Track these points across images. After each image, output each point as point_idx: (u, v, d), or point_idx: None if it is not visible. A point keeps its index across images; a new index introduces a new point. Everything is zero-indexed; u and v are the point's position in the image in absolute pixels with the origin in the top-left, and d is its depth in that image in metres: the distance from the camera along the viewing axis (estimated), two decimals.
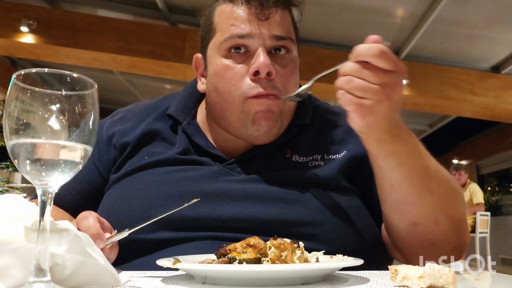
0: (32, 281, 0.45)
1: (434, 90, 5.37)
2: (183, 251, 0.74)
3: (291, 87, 0.83)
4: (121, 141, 0.90)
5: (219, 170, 0.84)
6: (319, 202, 0.80)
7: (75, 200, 0.91)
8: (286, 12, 0.87)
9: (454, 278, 0.51)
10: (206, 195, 0.77)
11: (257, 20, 0.80)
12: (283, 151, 0.88)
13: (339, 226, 0.79)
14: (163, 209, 0.73)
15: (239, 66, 0.82)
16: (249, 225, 0.76)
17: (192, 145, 0.89)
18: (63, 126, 0.47)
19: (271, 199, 0.78)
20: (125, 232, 0.67)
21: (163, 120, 0.93)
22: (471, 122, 6.88)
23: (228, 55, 0.83)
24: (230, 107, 0.83)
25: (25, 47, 4.95)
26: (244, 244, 0.60)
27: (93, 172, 0.91)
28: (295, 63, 0.87)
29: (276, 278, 0.56)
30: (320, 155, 0.87)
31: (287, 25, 0.85)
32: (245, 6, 0.82)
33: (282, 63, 0.84)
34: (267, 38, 0.81)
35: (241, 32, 0.80)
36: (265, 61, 0.78)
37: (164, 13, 4.93)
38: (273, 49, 0.83)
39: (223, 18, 0.84)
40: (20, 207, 0.53)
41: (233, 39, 0.81)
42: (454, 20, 4.47)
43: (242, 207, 0.77)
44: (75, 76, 0.49)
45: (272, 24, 0.81)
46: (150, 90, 7.23)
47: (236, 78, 0.81)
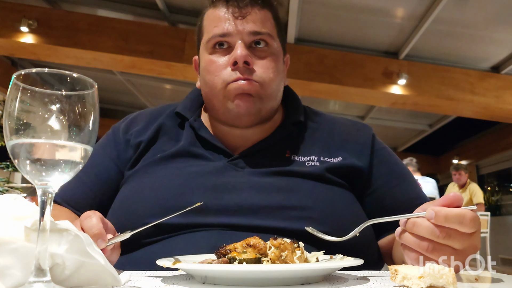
0: (32, 281, 0.45)
1: (434, 90, 5.37)
2: (192, 239, 0.79)
3: (270, 75, 0.93)
4: (136, 141, 0.98)
5: (225, 165, 0.91)
6: (317, 191, 0.86)
7: (96, 196, 0.96)
8: (266, 11, 0.96)
9: (454, 278, 0.51)
10: (214, 186, 0.85)
11: (236, 19, 0.92)
12: (283, 151, 0.95)
13: (336, 209, 0.85)
14: (175, 198, 0.82)
15: (221, 59, 0.93)
16: (253, 211, 0.81)
17: (198, 139, 0.97)
18: (63, 126, 0.47)
19: (272, 188, 0.85)
20: (127, 233, 0.67)
21: (172, 119, 1.02)
22: (471, 122, 6.88)
23: (213, 51, 0.94)
24: (215, 95, 0.93)
25: (25, 47, 4.95)
26: (244, 244, 0.60)
27: (113, 170, 0.98)
28: (276, 55, 0.96)
29: (276, 278, 0.56)
30: (317, 157, 0.93)
31: (266, 22, 0.95)
32: (225, 8, 0.93)
33: (261, 55, 0.93)
34: (244, 34, 0.91)
35: (222, 31, 0.92)
36: (242, 52, 0.89)
37: (164, 13, 4.93)
38: (253, 43, 0.93)
39: (209, 21, 0.96)
40: (20, 207, 0.53)
41: (215, 38, 0.93)
42: (454, 20, 4.47)
43: (247, 195, 0.84)
44: (75, 76, 0.49)
45: (249, 22, 0.92)
46: (150, 90, 7.23)
47: (219, 69, 0.92)
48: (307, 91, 5.50)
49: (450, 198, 0.61)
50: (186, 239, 0.80)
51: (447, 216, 0.58)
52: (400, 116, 7.70)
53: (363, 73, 5.25)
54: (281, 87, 1.00)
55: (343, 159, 0.92)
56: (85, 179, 0.95)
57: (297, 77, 5.15)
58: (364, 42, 5.13)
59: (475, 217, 0.60)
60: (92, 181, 0.95)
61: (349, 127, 1.03)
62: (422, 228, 0.60)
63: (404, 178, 0.97)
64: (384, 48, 5.29)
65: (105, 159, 0.98)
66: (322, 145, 0.96)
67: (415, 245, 0.61)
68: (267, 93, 0.93)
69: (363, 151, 0.95)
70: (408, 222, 0.62)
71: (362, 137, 0.99)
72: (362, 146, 0.96)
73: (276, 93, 0.97)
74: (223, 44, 0.93)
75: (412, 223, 0.61)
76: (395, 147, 10.08)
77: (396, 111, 7.03)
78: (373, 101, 5.91)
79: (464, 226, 0.59)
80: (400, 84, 5.31)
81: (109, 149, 1.00)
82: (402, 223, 0.63)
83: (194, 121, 0.99)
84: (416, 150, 9.71)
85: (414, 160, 5.85)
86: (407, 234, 0.62)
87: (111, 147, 1.00)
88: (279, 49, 0.98)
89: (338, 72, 5.20)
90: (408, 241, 0.62)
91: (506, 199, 8.03)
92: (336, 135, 0.99)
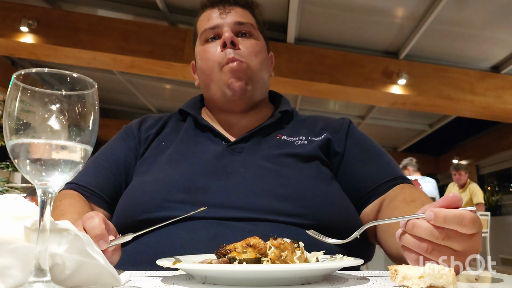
0: (32, 281, 0.45)
1: (434, 90, 5.37)
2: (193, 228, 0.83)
3: (254, 54, 1.07)
4: (146, 135, 1.11)
5: (223, 150, 1.01)
6: (304, 171, 0.95)
7: (117, 181, 1.04)
8: (247, 11, 1.14)
9: (454, 278, 0.51)
10: (214, 169, 0.94)
11: (221, 15, 1.09)
12: (275, 135, 1.07)
13: (322, 185, 0.93)
14: (180, 180, 0.91)
15: (213, 46, 1.08)
16: (249, 190, 0.89)
17: (199, 128, 1.09)
18: (63, 126, 0.47)
19: (266, 170, 0.94)
20: (129, 235, 0.67)
21: (176, 116, 1.17)
22: (471, 122, 6.88)
23: (206, 43, 1.10)
24: (212, 79, 1.07)
25: (25, 47, 4.95)
26: (244, 244, 0.60)
27: (131, 158, 1.07)
28: (259, 43, 1.11)
29: (276, 278, 0.56)
30: (305, 137, 1.05)
31: (248, 17, 1.12)
32: (212, 9, 1.11)
33: (247, 40, 1.09)
34: (230, 24, 1.08)
35: (211, 25, 1.09)
36: (229, 34, 1.05)
37: (164, 13, 4.93)
38: (239, 34, 1.09)
39: (200, 22, 1.14)
40: (20, 207, 0.53)
41: (206, 32, 1.10)
42: (454, 20, 4.47)
43: (243, 176, 0.92)
44: (75, 76, 0.49)
45: (233, 15, 1.09)
46: (150, 90, 7.23)
47: (211, 54, 1.07)
48: (307, 91, 5.50)
49: (449, 199, 0.62)
50: (187, 227, 0.83)
51: (446, 217, 0.59)
52: (400, 116, 7.70)
53: (363, 73, 5.25)
54: (267, 74, 1.14)
55: (326, 136, 1.05)
56: (106, 164, 1.04)
57: (297, 77, 5.15)
58: (364, 42, 5.13)
59: (475, 218, 0.60)
60: (112, 166, 1.04)
61: (331, 118, 1.16)
62: (421, 229, 0.60)
63: (377, 157, 1.02)
64: (384, 48, 5.29)
65: (122, 148, 1.08)
66: (308, 129, 1.09)
67: (415, 246, 0.61)
68: (253, 72, 1.06)
69: (340, 139, 1.06)
70: (408, 223, 0.62)
71: (340, 125, 1.10)
72: (339, 133, 1.07)
73: (263, 78, 1.11)
74: (214, 37, 1.09)
75: (412, 225, 0.62)
76: (395, 147, 10.08)
77: (396, 111, 7.03)
78: (373, 101, 5.90)
79: (464, 227, 0.59)
80: (400, 84, 5.30)
81: (125, 140, 1.10)
82: (402, 225, 0.63)
83: (196, 115, 1.11)
84: (416, 150, 9.71)
85: (413, 160, 5.85)
86: (407, 235, 0.63)
87: (127, 139, 1.10)
88: (263, 42, 1.14)
89: (338, 72, 5.20)
90: (408, 242, 0.62)
91: (506, 199, 8.02)
92: (319, 122, 1.12)
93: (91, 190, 0.99)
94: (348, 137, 1.06)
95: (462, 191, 6.12)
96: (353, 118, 7.53)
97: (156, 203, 0.87)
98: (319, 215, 0.87)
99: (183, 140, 1.05)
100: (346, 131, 1.07)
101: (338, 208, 0.91)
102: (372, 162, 1.00)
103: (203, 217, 0.83)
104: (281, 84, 5.24)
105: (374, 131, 8.08)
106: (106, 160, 1.05)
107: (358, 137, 1.07)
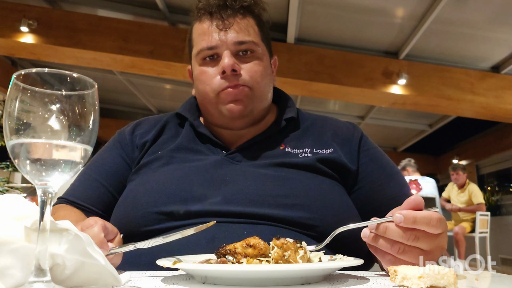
0: (32, 281, 0.44)
1: (434, 90, 5.37)
2: None
3: (257, 79, 1.00)
4: (141, 141, 1.05)
5: (222, 159, 0.97)
6: (308, 181, 0.91)
7: (108, 191, 1.01)
8: (249, 19, 1.02)
9: (455, 278, 0.51)
10: (212, 179, 0.91)
11: (220, 31, 0.98)
12: (278, 144, 1.01)
13: (326, 198, 0.89)
14: (177, 190, 0.88)
15: (211, 69, 0.99)
16: (249, 200, 0.86)
17: (197, 136, 1.04)
18: (63, 126, 0.47)
19: (267, 179, 0.91)
20: (130, 245, 0.67)
21: (173, 120, 1.11)
22: (471, 122, 6.88)
23: (203, 63, 1.01)
24: (209, 103, 1.01)
25: (25, 47, 4.95)
26: (244, 244, 0.60)
27: (122, 166, 1.04)
28: (261, 60, 1.02)
29: (276, 278, 0.56)
30: (309, 149, 0.99)
31: (249, 30, 1.01)
32: (209, 21, 1.00)
33: (248, 61, 1.00)
34: (230, 44, 0.98)
35: (208, 45, 0.99)
36: (229, 62, 0.96)
37: (164, 13, 4.92)
38: (240, 52, 0.99)
39: (197, 34, 1.03)
40: (20, 207, 0.53)
41: (203, 52, 1.00)
42: (454, 20, 4.47)
43: (243, 185, 0.89)
44: (75, 76, 0.49)
45: (233, 32, 0.99)
46: (150, 90, 7.23)
47: (209, 79, 0.99)
48: (307, 91, 5.49)
49: (412, 201, 0.65)
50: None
51: (416, 218, 0.63)
52: (400, 116, 7.69)
53: (363, 73, 5.25)
54: (270, 88, 1.07)
55: (334, 151, 0.98)
56: (96, 176, 1.01)
57: (297, 77, 5.14)
58: (364, 42, 5.13)
59: (441, 218, 0.64)
60: (102, 177, 1.01)
61: (340, 123, 1.09)
62: (393, 232, 0.64)
63: (393, 177, 1.00)
64: (384, 48, 5.29)
65: (113, 157, 1.04)
66: (314, 138, 1.02)
67: (388, 249, 0.65)
68: (256, 94, 1.00)
69: (352, 152, 1.00)
70: (381, 227, 0.65)
71: (351, 136, 1.04)
72: (350, 146, 1.01)
73: (266, 94, 1.04)
74: (212, 55, 0.99)
75: (384, 228, 0.65)
76: (395, 147, 10.08)
77: (396, 111, 7.03)
78: (373, 101, 5.90)
79: (432, 227, 0.63)
80: (400, 84, 5.30)
81: (116, 149, 1.06)
82: (371, 228, 0.67)
83: (194, 120, 1.06)
84: (416, 150, 9.71)
85: (412, 161, 5.87)
86: (379, 238, 0.66)
87: (118, 147, 1.06)
88: (265, 52, 1.05)
89: (338, 72, 5.20)
90: (381, 245, 0.66)
91: (506, 199, 8.02)
92: (327, 129, 1.05)
93: (81, 205, 0.97)
94: (361, 152, 1.01)
95: (461, 192, 6.12)
96: (353, 118, 7.53)
97: (153, 217, 0.86)
98: (325, 226, 0.84)
99: (181, 148, 1.01)
100: (358, 145, 1.02)
101: (344, 217, 0.88)
102: (388, 183, 0.98)
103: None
104: (281, 84, 5.17)
105: (374, 131, 8.08)
106: (96, 171, 1.02)
107: (373, 152, 1.03)
